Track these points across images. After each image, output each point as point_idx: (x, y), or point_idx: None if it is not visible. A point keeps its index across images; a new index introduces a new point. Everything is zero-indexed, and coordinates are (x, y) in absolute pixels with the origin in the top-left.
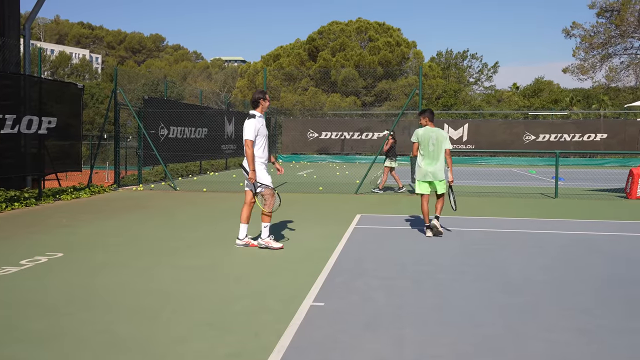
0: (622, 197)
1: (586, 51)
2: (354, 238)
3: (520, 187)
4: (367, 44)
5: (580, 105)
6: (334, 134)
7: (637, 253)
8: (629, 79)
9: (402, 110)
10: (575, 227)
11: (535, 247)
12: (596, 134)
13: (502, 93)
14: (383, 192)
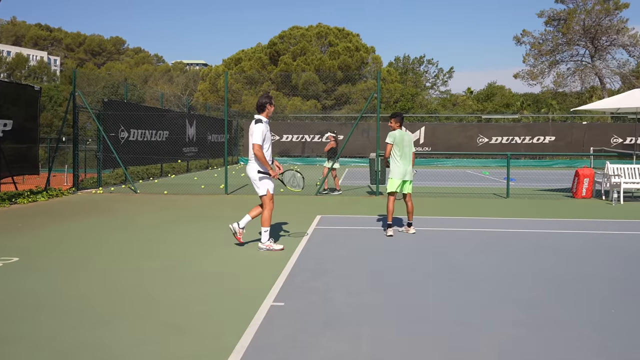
0: (568, 197)
1: (535, 58)
2: (314, 239)
3: (474, 188)
4: (327, 49)
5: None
6: (295, 136)
7: (583, 249)
8: (575, 85)
9: (361, 114)
10: (526, 226)
11: (487, 245)
12: (545, 136)
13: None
14: (328, 192)
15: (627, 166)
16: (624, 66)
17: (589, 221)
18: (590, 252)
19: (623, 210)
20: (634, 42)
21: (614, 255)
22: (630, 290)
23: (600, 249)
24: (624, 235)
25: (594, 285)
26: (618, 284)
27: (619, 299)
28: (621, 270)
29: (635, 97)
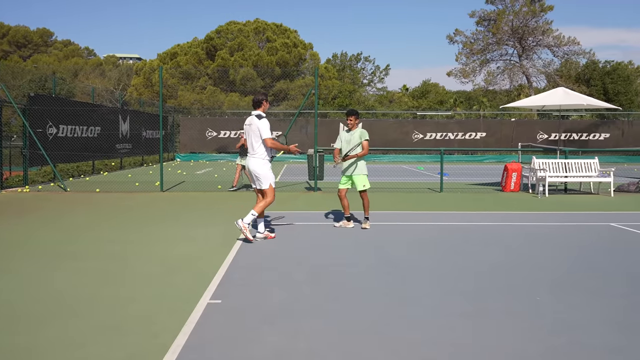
0: (498, 190)
1: (467, 56)
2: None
3: (410, 183)
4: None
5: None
6: (233, 132)
7: (512, 241)
8: (504, 83)
9: (299, 110)
10: (458, 219)
11: (422, 238)
12: (476, 132)
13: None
14: (236, 189)
15: (551, 161)
16: (549, 66)
17: (517, 214)
18: (518, 243)
19: (548, 202)
20: (557, 43)
21: (539, 246)
22: (554, 278)
23: (527, 240)
24: (549, 226)
25: (522, 275)
26: (543, 272)
27: (544, 287)
28: (545, 259)
29: (559, 95)
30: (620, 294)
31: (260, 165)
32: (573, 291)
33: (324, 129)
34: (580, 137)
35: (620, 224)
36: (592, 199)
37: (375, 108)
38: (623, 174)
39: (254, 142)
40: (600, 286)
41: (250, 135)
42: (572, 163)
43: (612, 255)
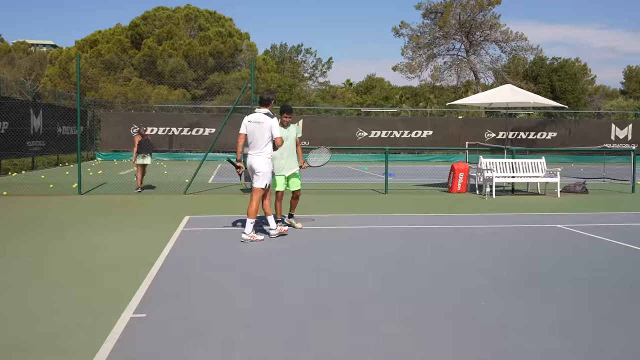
0: (445, 191)
1: (414, 50)
2: (181, 241)
3: (353, 184)
4: (197, 34)
5: (409, 103)
6: (161, 129)
7: (457, 244)
8: (451, 79)
9: (234, 105)
10: (403, 221)
11: (363, 242)
12: (423, 130)
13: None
14: (141, 191)
15: (498, 160)
16: (497, 62)
17: (463, 216)
18: (463, 247)
19: (495, 204)
20: (505, 38)
21: (484, 249)
22: (499, 282)
23: (472, 243)
24: (495, 228)
25: (466, 279)
26: (488, 276)
27: (489, 291)
28: (491, 262)
29: (505, 92)
30: (565, 298)
31: (266, 163)
32: (518, 295)
33: None
34: (528, 136)
35: (566, 226)
36: (539, 200)
37: (317, 104)
38: (570, 174)
39: (261, 142)
40: (546, 290)
41: (257, 133)
42: (520, 163)
43: (558, 258)
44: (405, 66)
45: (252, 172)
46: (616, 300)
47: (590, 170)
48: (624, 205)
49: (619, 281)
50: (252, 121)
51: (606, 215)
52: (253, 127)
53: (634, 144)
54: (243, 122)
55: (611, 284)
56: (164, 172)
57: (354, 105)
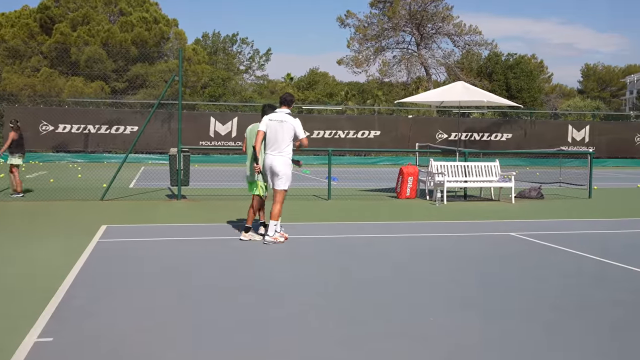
0: (393, 197)
1: (360, 43)
2: (97, 254)
3: (293, 189)
4: (118, 19)
5: (355, 100)
6: (75, 127)
7: (404, 254)
8: (401, 74)
9: (159, 100)
10: (347, 230)
11: (304, 254)
12: (370, 131)
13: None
14: (22, 195)
15: (450, 164)
16: (449, 57)
17: (411, 224)
18: (411, 257)
19: (446, 211)
20: (458, 32)
21: (433, 259)
22: (448, 295)
23: (420, 253)
24: (445, 237)
25: (413, 293)
26: (437, 289)
27: (438, 306)
28: (440, 274)
29: (457, 90)
30: (518, 312)
31: (287, 165)
32: (469, 310)
33: (190, 124)
34: (482, 137)
35: (520, 234)
36: (492, 206)
37: (254, 100)
38: (525, 179)
39: (282, 141)
40: (497, 303)
41: (278, 132)
42: (473, 166)
43: (510, 268)
44: (352, 60)
45: (271, 173)
46: (562, 312)
47: (546, 175)
48: (580, 212)
49: (572, 292)
50: (273, 119)
51: (562, 222)
52: (275, 125)
53: (591, 147)
54: (263, 120)
55: (563, 294)
56: (78, 176)
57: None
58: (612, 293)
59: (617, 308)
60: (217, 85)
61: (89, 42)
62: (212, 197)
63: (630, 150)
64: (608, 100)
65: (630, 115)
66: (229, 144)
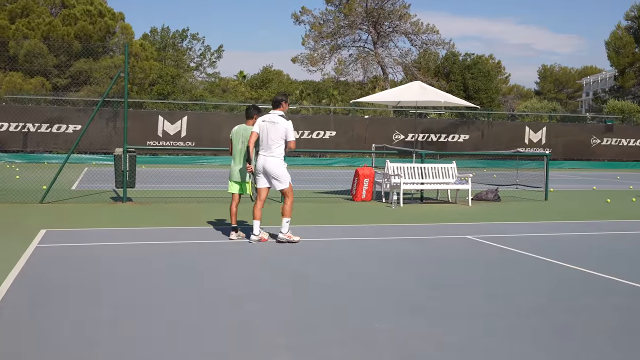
0: (348, 200)
1: (316, 40)
2: (34, 261)
3: None
4: (60, 11)
5: (310, 100)
6: (13, 125)
7: (356, 258)
8: (357, 73)
9: (104, 97)
10: (299, 233)
11: (255, 257)
12: (325, 131)
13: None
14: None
15: (407, 165)
16: (406, 56)
17: (366, 227)
18: (364, 262)
19: (402, 214)
20: (415, 31)
21: (387, 264)
22: (399, 301)
23: (374, 258)
24: (401, 241)
25: (363, 298)
26: (390, 293)
27: (387, 312)
28: (392, 279)
29: (414, 90)
30: (472, 316)
31: (280, 165)
32: (420, 316)
33: (137, 123)
34: (439, 138)
35: (476, 237)
36: (449, 208)
37: (204, 98)
38: (482, 181)
39: (272, 142)
40: (448, 308)
41: (271, 133)
42: (429, 168)
43: (467, 272)
44: (306, 58)
45: (264, 173)
46: (516, 316)
47: (503, 177)
48: (537, 214)
49: (527, 296)
50: (266, 121)
51: (518, 224)
52: (266, 126)
53: (547, 148)
54: (257, 121)
55: (518, 298)
56: (16, 177)
57: (247, 100)
58: (569, 296)
59: (573, 312)
60: (166, 82)
61: (28, 35)
62: (160, 199)
63: (587, 152)
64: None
65: (587, 117)
66: (178, 144)
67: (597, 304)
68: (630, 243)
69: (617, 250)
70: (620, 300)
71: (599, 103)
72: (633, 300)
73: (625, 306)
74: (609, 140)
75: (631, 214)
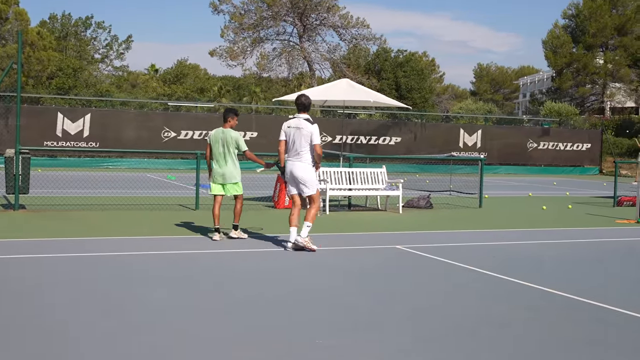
0: (270, 207)
1: (236, 32)
2: None
3: (156, 197)
4: None
5: (230, 97)
6: None
7: (279, 270)
8: (281, 69)
9: None
10: (217, 244)
11: (169, 271)
12: (246, 132)
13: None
14: None
15: (333, 170)
16: (335, 51)
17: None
18: (287, 274)
19: (328, 222)
20: (345, 24)
21: (312, 275)
22: (321, 316)
23: (298, 270)
24: (327, 251)
25: (292, 312)
26: (308, 309)
27: (318, 325)
28: (320, 292)
29: (342, 88)
30: (395, 330)
31: (308, 170)
32: (349, 331)
33: (33, 120)
34: (369, 140)
35: (406, 247)
36: (378, 216)
37: (111, 93)
38: (414, 186)
39: (299, 147)
40: (380, 323)
41: (297, 138)
42: (358, 173)
43: (393, 284)
44: (226, 51)
45: (293, 180)
46: (447, 333)
47: (436, 182)
48: (470, 223)
49: (454, 309)
50: (291, 126)
51: (450, 233)
52: (292, 132)
53: (482, 152)
54: (282, 128)
55: (452, 311)
56: None
57: (160, 97)
58: (500, 309)
59: (504, 325)
60: (67, 75)
61: None
62: (59, 206)
63: (523, 157)
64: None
65: (523, 120)
66: (79, 145)
67: (528, 316)
68: (565, 252)
69: (552, 260)
70: (552, 312)
71: (536, 105)
72: (567, 312)
73: (557, 319)
74: (545, 144)
75: (567, 221)
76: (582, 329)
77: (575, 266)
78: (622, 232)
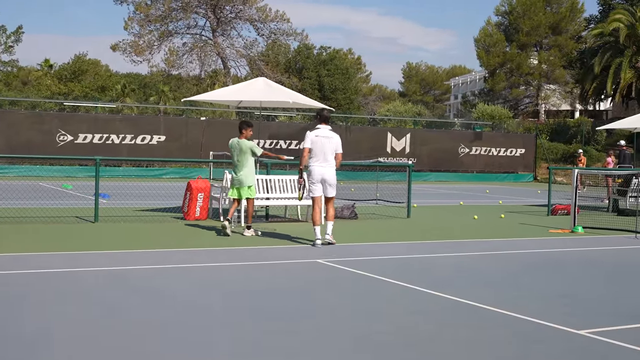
0: (179, 218)
1: (141, 25)
2: None
3: (50, 209)
4: None
5: (135, 97)
6: None
7: (183, 290)
8: (192, 66)
9: None
10: (115, 261)
11: (61, 290)
12: (153, 135)
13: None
14: None
15: None
16: (252, 47)
17: (198, 251)
18: (191, 293)
19: (242, 235)
20: (262, 18)
21: (222, 295)
22: (234, 336)
23: (205, 288)
24: (237, 268)
25: (202, 334)
26: (221, 332)
27: (217, 352)
28: (232, 310)
29: (258, 87)
30: (324, 351)
31: (335, 175)
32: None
33: None
34: (289, 145)
35: (328, 261)
36: (298, 228)
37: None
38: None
39: (328, 154)
40: (290, 343)
41: (326, 146)
42: (276, 181)
43: (313, 301)
44: (130, 46)
45: (323, 182)
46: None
47: (362, 190)
48: (397, 234)
49: (378, 327)
50: (320, 135)
51: (376, 246)
52: (322, 141)
53: (412, 158)
54: (308, 136)
55: (377, 329)
56: None
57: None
58: (427, 326)
59: (433, 341)
60: None
61: None
62: None
63: (454, 163)
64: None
65: (455, 123)
66: None
67: (458, 334)
68: (497, 265)
69: (482, 273)
70: (486, 329)
71: (467, 107)
72: (498, 331)
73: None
74: (477, 149)
75: (499, 232)
76: (497, 341)
77: (498, 279)
78: (554, 242)
